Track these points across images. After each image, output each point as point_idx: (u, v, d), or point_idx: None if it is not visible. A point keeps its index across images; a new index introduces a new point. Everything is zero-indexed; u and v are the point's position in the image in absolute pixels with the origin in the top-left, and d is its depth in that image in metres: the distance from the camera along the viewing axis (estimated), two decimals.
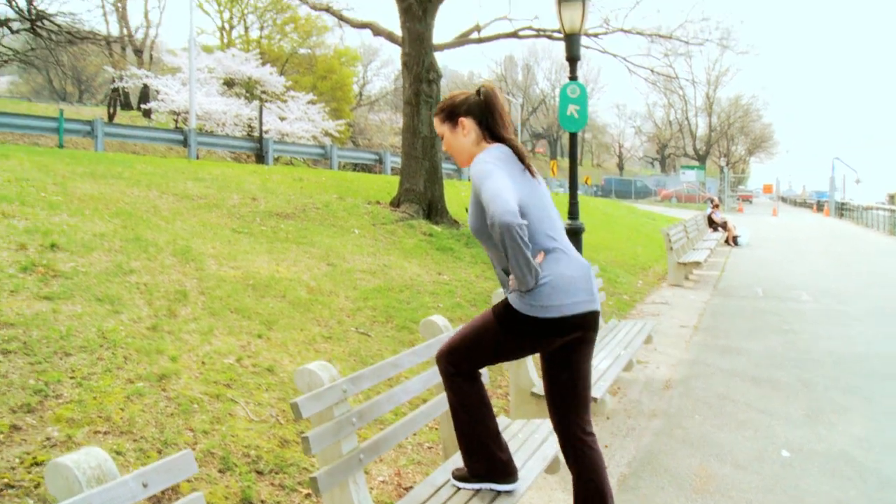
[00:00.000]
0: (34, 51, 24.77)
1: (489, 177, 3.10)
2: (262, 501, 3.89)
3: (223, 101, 29.72)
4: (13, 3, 21.91)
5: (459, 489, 3.40)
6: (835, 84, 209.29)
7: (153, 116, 31.10)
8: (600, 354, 6.30)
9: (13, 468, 3.52)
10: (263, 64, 33.92)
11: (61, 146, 18.80)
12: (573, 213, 9.58)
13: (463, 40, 17.94)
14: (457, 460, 3.75)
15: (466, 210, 3.44)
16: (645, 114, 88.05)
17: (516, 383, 5.54)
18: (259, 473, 4.07)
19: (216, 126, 28.97)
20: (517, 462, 3.52)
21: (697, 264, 14.32)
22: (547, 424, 4.23)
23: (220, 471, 3.96)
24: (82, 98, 47.51)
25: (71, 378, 4.37)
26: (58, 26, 22.62)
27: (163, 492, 2.17)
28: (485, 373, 3.59)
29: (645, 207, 42.57)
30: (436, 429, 5.21)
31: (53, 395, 4.15)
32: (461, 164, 3.45)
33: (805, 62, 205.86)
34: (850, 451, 5.32)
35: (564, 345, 3.25)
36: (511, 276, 3.15)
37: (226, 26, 43.00)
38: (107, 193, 9.18)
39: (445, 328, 4.20)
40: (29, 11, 22.08)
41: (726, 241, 22.24)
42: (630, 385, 7.05)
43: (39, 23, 22.12)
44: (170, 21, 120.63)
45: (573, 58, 9.68)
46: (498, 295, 4.64)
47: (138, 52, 41.91)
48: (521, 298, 3.16)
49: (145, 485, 2.09)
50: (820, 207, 57.05)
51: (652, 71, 21.37)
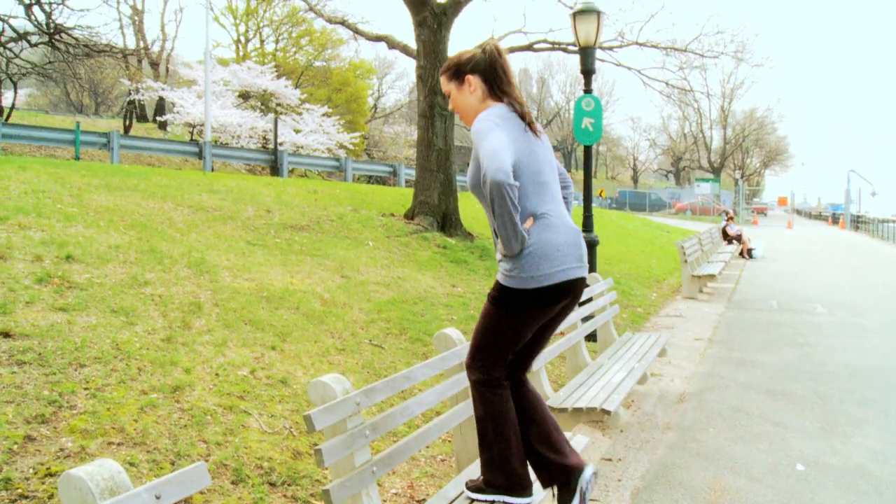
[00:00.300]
0: (52, 64, 24.98)
1: (488, 134, 3.13)
2: None
3: (238, 114, 29.86)
4: (32, 17, 22.13)
5: (473, 501, 3.39)
6: (851, 97, 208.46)
7: (169, 129, 31.27)
8: (614, 367, 6.28)
9: (27, 479, 3.53)
10: (279, 77, 34.07)
11: (77, 158, 18.95)
12: (588, 226, 9.56)
13: None
14: (470, 473, 3.74)
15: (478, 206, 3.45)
16: (660, 126, 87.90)
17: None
18: (272, 485, 4.08)
19: (231, 138, 29.11)
20: (531, 475, 3.51)
21: (712, 277, 14.27)
22: None
23: (233, 482, 3.97)
24: (99, 110, 47.83)
25: (85, 389, 4.39)
26: (75, 40, 22.82)
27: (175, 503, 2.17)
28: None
29: (659, 220, 42.43)
30: (449, 441, 5.19)
31: (68, 406, 4.17)
32: (467, 123, 3.45)
33: (821, 75, 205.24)
34: (866, 465, 5.28)
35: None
36: (499, 240, 3.18)
37: (241, 39, 43.23)
38: (122, 205, 9.24)
39: (459, 341, 4.19)
40: (47, 25, 22.29)
41: (741, 254, 22.14)
42: (644, 398, 7.02)
43: (57, 36, 22.32)
44: (186, 34, 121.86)
45: (588, 71, 9.68)
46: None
47: (154, 65, 42.20)
48: (510, 273, 3.19)
49: (158, 497, 2.10)
50: (835, 220, 56.71)
51: (667, 84, 21.36)
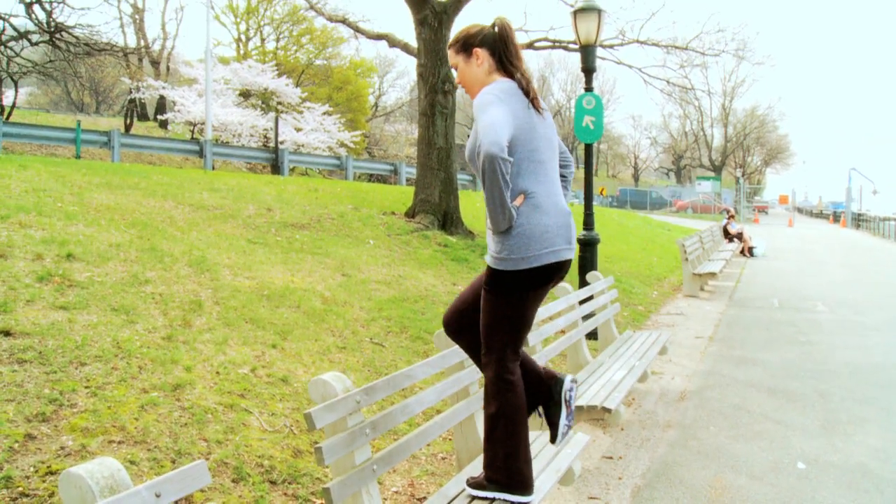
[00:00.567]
0: (53, 62, 24.99)
1: (489, 107, 3.15)
2: None
3: (239, 112, 29.85)
4: (33, 16, 22.14)
5: (474, 499, 3.39)
6: (852, 95, 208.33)
7: (169, 127, 31.28)
8: (615, 366, 6.28)
9: (28, 477, 3.54)
10: (279, 75, 34.06)
11: (78, 157, 18.95)
12: (588, 224, 9.56)
13: None
14: (471, 471, 3.74)
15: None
16: (660, 125, 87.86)
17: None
18: (272, 483, 4.08)
19: (232, 137, 29.10)
20: (533, 474, 3.50)
21: (713, 275, 14.26)
22: None
23: (234, 481, 3.97)
24: (99, 109, 47.80)
25: (86, 387, 4.39)
26: (76, 38, 22.82)
27: (176, 502, 2.17)
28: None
29: (660, 218, 42.43)
30: (449, 439, 5.20)
31: (68, 405, 4.17)
32: (473, 96, 3.44)
33: (822, 73, 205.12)
34: (867, 463, 5.27)
35: None
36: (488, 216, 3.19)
37: (242, 38, 43.23)
38: (123, 204, 9.24)
39: None
40: (48, 24, 22.29)
41: (742, 252, 22.13)
42: (645, 396, 7.02)
43: (58, 35, 22.32)
44: (186, 33, 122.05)
45: (589, 69, 9.66)
46: None
47: (155, 64, 42.20)
48: (499, 255, 3.21)
49: (158, 495, 2.10)
50: (836, 218, 56.70)
51: (668, 82, 21.37)
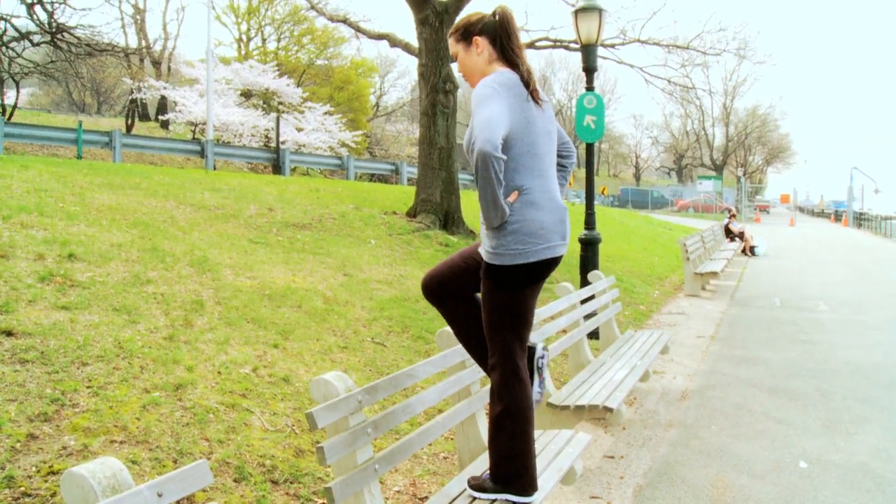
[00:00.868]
0: (54, 63, 25.01)
1: (487, 101, 3.12)
2: None
3: (240, 113, 29.87)
4: (34, 17, 22.15)
5: (475, 499, 3.39)
6: (854, 94, 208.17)
7: (171, 127, 31.31)
8: (616, 365, 6.27)
9: (30, 477, 3.54)
10: (280, 75, 34.07)
11: (80, 157, 18.96)
12: (590, 224, 9.55)
13: None
14: (472, 470, 3.74)
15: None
16: (662, 124, 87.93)
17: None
18: (274, 483, 4.08)
19: (233, 137, 29.11)
20: (537, 473, 3.49)
21: (714, 274, 14.26)
22: (563, 435, 4.20)
23: (236, 480, 3.97)
24: (101, 109, 47.86)
25: (87, 387, 4.39)
26: (77, 39, 22.84)
27: (178, 501, 2.17)
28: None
29: (661, 217, 42.43)
30: (451, 439, 5.20)
31: (70, 405, 4.17)
32: (473, 85, 3.42)
33: (823, 72, 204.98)
34: (869, 463, 5.27)
35: None
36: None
37: (243, 38, 43.24)
38: (124, 204, 9.24)
39: None
40: (49, 24, 22.31)
41: (743, 251, 22.11)
42: (646, 395, 7.02)
43: (60, 35, 22.35)
44: (188, 33, 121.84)
45: (590, 68, 9.65)
46: None
47: (156, 64, 42.24)
48: (495, 251, 3.20)
49: (160, 494, 2.10)
50: (838, 217, 56.66)
51: (669, 81, 21.38)
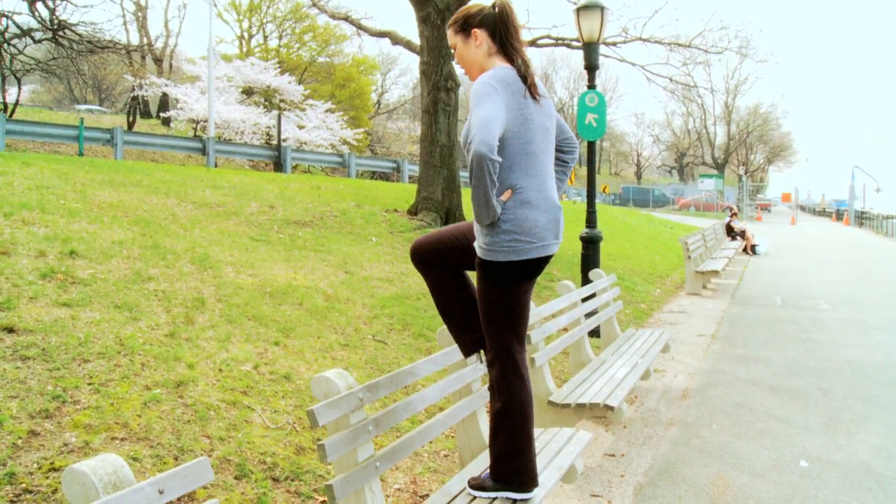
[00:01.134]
0: (56, 60, 25.02)
1: (485, 99, 3.10)
2: None
3: (242, 110, 29.89)
4: (36, 14, 22.16)
5: (476, 497, 3.39)
6: (856, 93, 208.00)
7: (172, 125, 31.36)
8: (617, 363, 6.27)
9: (31, 473, 3.54)
10: (282, 73, 34.10)
11: (81, 154, 18.96)
12: (591, 222, 9.55)
13: None
14: (473, 468, 3.74)
15: None
16: (663, 122, 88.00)
17: (532, 391, 5.51)
18: (275, 480, 4.08)
19: (234, 134, 29.13)
20: (537, 469, 3.49)
21: (715, 273, 14.25)
22: (564, 433, 4.20)
23: (237, 478, 3.97)
24: (102, 106, 47.89)
25: (89, 384, 4.40)
26: (79, 36, 22.85)
27: (179, 498, 2.18)
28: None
29: (663, 216, 42.42)
30: (452, 437, 5.20)
31: (71, 402, 4.17)
32: (472, 78, 3.41)
33: (825, 71, 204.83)
34: (870, 461, 5.27)
35: None
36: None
37: (245, 35, 43.32)
38: (126, 201, 9.24)
39: None
40: (51, 21, 22.32)
41: (744, 250, 22.10)
42: (647, 394, 7.02)
43: (61, 32, 22.36)
44: (189, 30, 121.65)
45: (592, 67, 9.64)
46: None
47: (158, 61, 42.27)
48: (489, 247, 3.19)
49: (161, 491, 2.10)
50: (839, 216, 56.64)
51: (670, 79, 21.39)
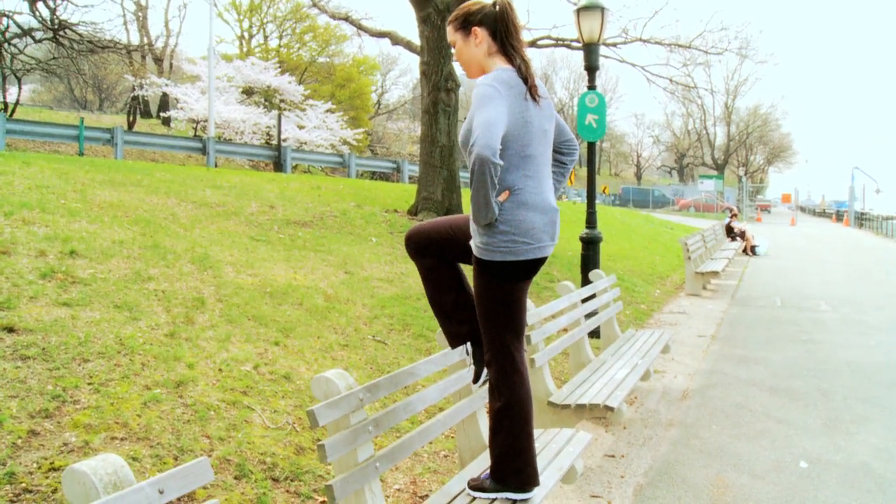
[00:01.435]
0: (56, 60, 25.00)
1: (489, 102, 3.09)
2: None
3: (242, 110, 29.88)
4: (36, 13, 22.16)
5: (475, 498, 3.39)
6: (855, 94, 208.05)
7: (172, 124, 31.36)
8: (617, 364, 6.27)
9: (31, 473, 3.54)
10: (282, 73, 34.09)
11: (81, 154, 18.96)
12: (591, 223, 9.55)
13: None
14: (473, 469, 3.74)
15: None
16: (663, 123, 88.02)
17: (532, 392, 5.51)
18: (275, 481, 4.08)
19: (235, 134, 29.12)
20: (538, 468, 3.49)
21: (715, 274, 14.25)
22: (563, 434, 4.20)
23: (236, 478, 3.97)
24: (103, 106, 47.85)
25: (89, 384, 4.40)
26: (79, 35, 22.85)
27: (179, 498, 2.18)
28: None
29: (662, 217, 42.42)
30: (452, 437, 5.20)
31: (71, 401, 4.17)
32: (470, 76, 3.41)
33: (825, 71, 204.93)
34: (870, 463, 5.27)
35: None
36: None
37: (245, 35, 43.31)
38: (126, 201, 9.24)
39: None
40: (52, 21, 22.32)
41: (744, 251, 22.10)
42: (647, 394, 7.02)
43: (62, 32, 22.35)
44: (189, 30, 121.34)
45: (592, 67, 9.64)
46: None
47: (158, 61, 42.26)
48: (486, 247, 3.20)
49: (161, 491, 2.10)
50: (839, 217, 56.66)
51: (671, 80, 21.38)
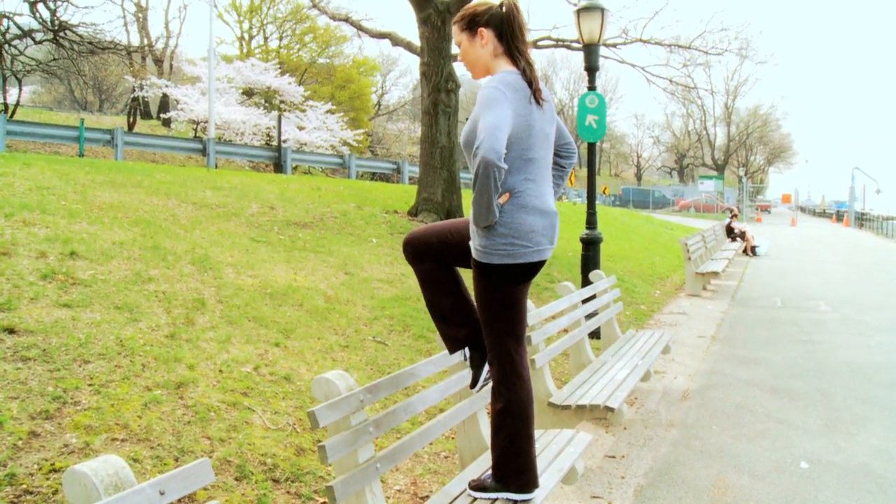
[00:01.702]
0: (56, 61, 25.00)
1: (496, 105, 3.08)
2: None
3: (242, 111, 29.86)
4: (37, 15, 22.16)
5: (476, 499, 3.39)
6: (856, 94, 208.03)
7: (172, 125, 31.34)
8: (617, 365, 6.27)
9: (31, 474, 3.54)
10: (282, 74, 34.06)
11: (82, 155, 18.95)
12: (591, 223, 9.56)
13: None
14: (473, 470, 3.74)
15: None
16: (663, 123, 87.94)
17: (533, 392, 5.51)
18: (275, 482, 4.08)
19: (235, 135, 29.11)
20: (538, 470, 3.49)
21: (715, 274, 14.25)
22: (564, 435, 4.21)
23: (237, 479, 3.97)
24: (103, 107, 47.84)
25: (89, 385, 4.40)
26: (80, 37, 22.86)
27: (179, 500, 2.18)
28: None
29: (663, 217, 42.41)
30: (452, 438, 5.20)
31: (72, 402, 4.18)
32: (475, 76, 3.40)
33: (825, 72, 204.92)
34: (870, 463, 5.27)
35: None
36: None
37: (245, 36, 43.26)
38: (126, 202, 9.25)
39: None
40: (52, 22, 22.33)
41: (744, 251, 22.10)
42: (647, 395, 7.02)
43: (62, 33, 22.36)
44: (190, 31, 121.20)
45: (592, 68, 9.64)
46: None
47: (158, 62, 42.26)
48: (485, 250, 3.19)
49: (162, 493, 2.10)
50: (839, 217, 56.64)
51: (671, 81, 21.39)
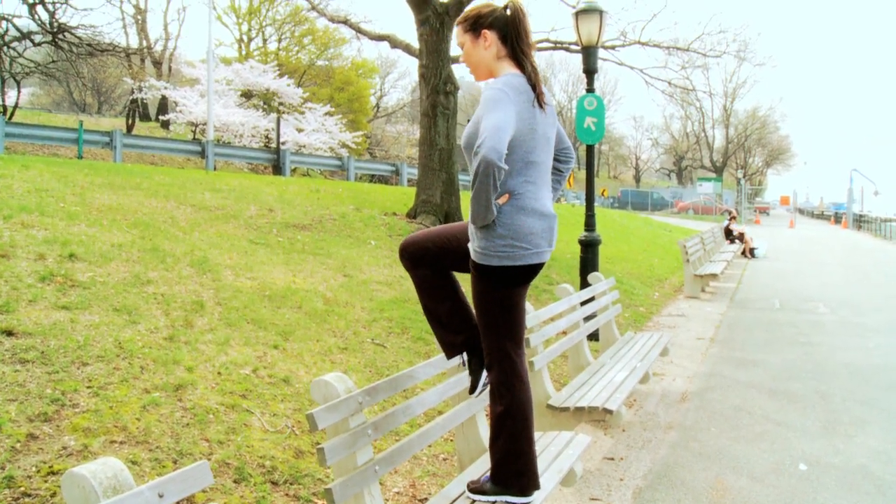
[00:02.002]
0: (55, 63, 24.97)
1: (498, 107, 3.07)
2: None
3: (241, 113, 29.84)
4: (35, 17, 22.15)
5: (475, 501, 3.39)
6: (853, 96, 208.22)
7: (171, 128, 31.27)
8: (616, 367, 6.28)
9: (30, 477, 3.54)
10: (281, 76, 34.04)
11: (80, 157, 18.95)
12: (590, 225, 9.57)
13: None
14: (472, 472, 3.75)
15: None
16: (662, 126, 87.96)
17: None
18: (274, 484, 4.08)
19: (234, 137, 29.09)
20: (538, 471, 3.49)
21: (714, 276, 14.26)
22: (563, 437, 4.21)
23: (236, 481, 3.97)
24: (101, 109, 47.80)
25: (88, 387, 4.40)
26: (79, 39, 22.83)
27: (178, 502, 2.17)
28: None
29: (661, 219, 42.39)
30: (451, 440, 5.20)
31: (70, 405, 4.17)
32: (477, 78, 3.40)
33: (823, 74, 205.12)
34: (868, 465, 5.27)
35: None
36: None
37: (244, 38, 43.23)
38: (125, 204, 9.25)
39: None
40: (51, 24, 22.31)
41: (743, 253, 22.11)
42: (646, 397, 7.02)
43: (61, 35, 22.34)
44: (189, 33, 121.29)
45: (590, 70, 9.65)
46: None
47: (157, 64, 42.25)
48: (484, 251, 3.19)
49: (161, 495, 2.10)
50: (838, 219, 56.69)
51: (669, 83, 21.39)
